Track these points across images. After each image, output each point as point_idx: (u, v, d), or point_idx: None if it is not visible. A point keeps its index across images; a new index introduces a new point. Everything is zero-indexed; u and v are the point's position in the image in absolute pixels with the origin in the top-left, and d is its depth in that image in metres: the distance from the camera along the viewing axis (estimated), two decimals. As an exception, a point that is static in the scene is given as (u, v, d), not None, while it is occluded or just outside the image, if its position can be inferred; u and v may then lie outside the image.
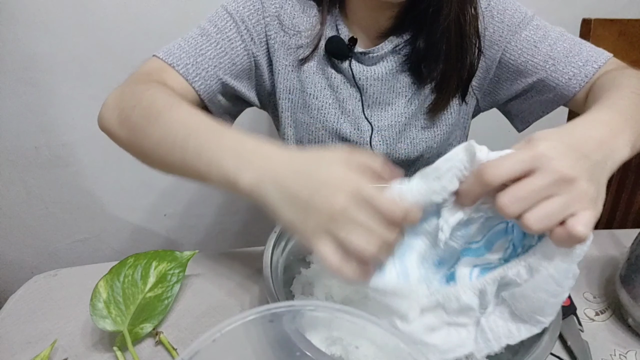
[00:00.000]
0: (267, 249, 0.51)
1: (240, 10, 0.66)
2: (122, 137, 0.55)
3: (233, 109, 0.74)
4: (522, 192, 0.35)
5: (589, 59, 0.64)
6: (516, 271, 0.40)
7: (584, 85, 0.64)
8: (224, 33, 0.65)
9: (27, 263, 1.45)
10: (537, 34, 0.66)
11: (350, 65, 0.69)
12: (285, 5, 0.69)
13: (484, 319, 0.42)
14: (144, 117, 0.52)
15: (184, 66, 0.62)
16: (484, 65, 0.70)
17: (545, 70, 0.65)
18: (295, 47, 0.69)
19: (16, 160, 1.28)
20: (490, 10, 0.67)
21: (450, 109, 0.72)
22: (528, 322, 0.41)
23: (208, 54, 0.64)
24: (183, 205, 1.44)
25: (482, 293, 0.41)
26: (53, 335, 0.55)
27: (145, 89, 0.55)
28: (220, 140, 0.45)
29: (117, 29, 1.13)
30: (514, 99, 0.72)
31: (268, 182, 0.40)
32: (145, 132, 0.51)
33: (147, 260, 0.59)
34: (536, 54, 0.66)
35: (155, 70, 0.62)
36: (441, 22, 0.63)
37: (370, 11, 0.67)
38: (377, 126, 0.72)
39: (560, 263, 0.38)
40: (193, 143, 0.46)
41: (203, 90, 0.64)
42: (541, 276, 0.38)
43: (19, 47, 1.12)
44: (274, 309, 0.34)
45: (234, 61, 0.66)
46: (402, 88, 0.71)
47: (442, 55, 0.65)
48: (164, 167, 0.51)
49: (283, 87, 0.72)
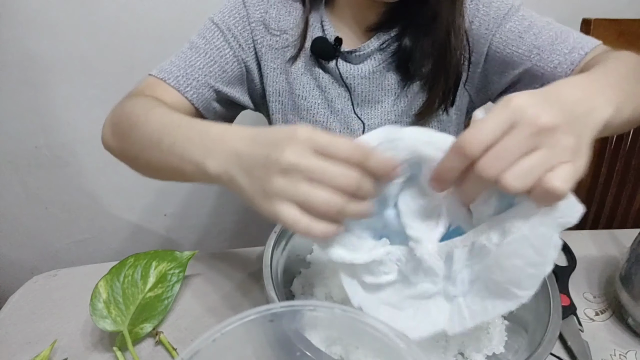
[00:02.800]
0: (267, 249, 0.51)
1: (225, 19, 0.68)
2: (117, 150, 0.59)
3: (228, 114, 0.75)
4: (500, 150, 0.32)
5: (575, 46, 0.62)
6: (487, 235, 0.37)
7: (570, 73, 0.62)
8: (212, 43, 0.67)
9: (27, 263, 1.45)
10: (522, 24, 0.65)
11: (337, 65, 0.69)
12: (270, 9, 0.70)
13: (461, 298, 0.39)
14: (128, 125, 0.54)
15: (174, 79, 0.65)
16: (474, 60, 0.69)
17: (530, 60, 0.64)
18: (282, 48, 0.70)
19: (16, 160, 1.28)
20: (476, 4, 0.67)
21: (439, 110, 0.71)
22: (503, 296, 0.37)
23: (197, 65, 0.66)
24: (183, 205, 1.44)
25: (449, 257, 0.39)
26: (53, 335, 0.55)
27: (132, 102, 0.58)
28: (188, 133, 0.45)
29: (118, 29, 1.13)
30: (504, 92, 0.71)
31: (231, 162, 0.39)
32: (130, 140, 0.54)
33: (147, 260, 0.59)
34: (521, 44, 0.65)
35: (149, 87, 0.65)
36: (437, 26, 0.62)
37: (359, 8, 0.68)
38: (368, 124, 0.72)
39: (537, 225, 0.34)
40: (166, 141, 0.47)
41: (196, 99, 0.66)
42: (514, 239, 0.35)
43: (19, 47, 1.12)
44: (274, 309, 0.34)
45: (224, 68, 0.68)
46: (390, 86, 0.71)
47: (428, 54, 0.65)
48: (151, 170, 0.53)
49: (272, 89, 0.73)
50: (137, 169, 0.57)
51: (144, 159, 0.52)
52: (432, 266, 0.39)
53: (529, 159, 0.33)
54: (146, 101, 0.58)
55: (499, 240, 0.36)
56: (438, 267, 0.39)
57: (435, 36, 0.63)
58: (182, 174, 0.46)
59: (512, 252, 0.35)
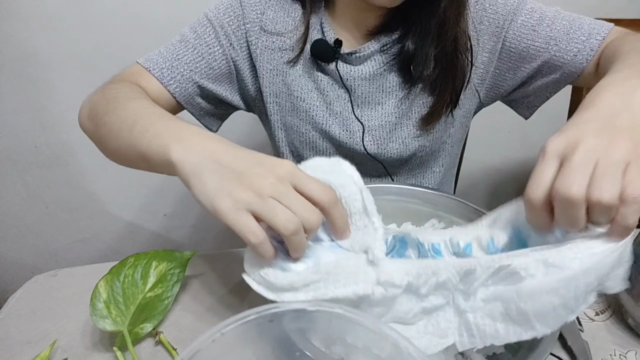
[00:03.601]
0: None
1: (220, 16, 0.68)
2: (90, 131, 0.60)
3: (216, 111, 0.75)
4: (570, 174, 0.35)
5: (591, 32, 0.63)
6: (524, 262, 0.37)
7: (591, 60, 0.63)
8: (203, 39, 0.67)
9: (27, 263, 1.45)
10: (533, 17, 0.65)
11: (337, 67, 0.68)
12: (268, 11, 0.69)
13: (471, 315, 0.39)
14: (105, 108, 0.55)
15: (159, 70, 0.65)
16: (485, 59, 0.69)
17: (549, 52, 0.65)
18: (279, 50, 0.70)
19: (16, 159, 1.28)
20: (482, 3, 0.67)
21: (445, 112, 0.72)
22: (521, 325, 0.37)
23: (184, 59, 0.66)
24: (183, 205, 1.44)
25: (468, 274, 0.39)
26: (53, 335, 0.55)
27: (113, 87, 0.59)
28: (168, 122, 0.47)
29: (117, 27, 1.13)
30: (519, 87, 0.72)
31: (203, 158, 0.41)
32: (103, 121, 0.55)
33: (147, 260, 0.59)
34: (536, 37, 0.65)
35: (133, 74, 0.65)
36: (444, 33, 0.62)
37: (359, 11, 0.67)
38: (367, 126, 0.72)
39: (589, 273, 0.35)
40: (140, 124, 0.48)
41: (178, 93, 0.67)
42: (563, 277, 0.35)
43: (19, 45, 1.12)
44: (274, 309, 0.34)
45: (211, 65, 0.68)
46: (391, 87, 0.70)
47: (432, 58, 0.65)
48: (115, 153, 0.54)
49: (269, 91, 0.72)
50: (106, 152, 0.58)
51: (111, 142, 0.53)
52: (446, 281, 0.39)
53: (601, 168, 0.34)
54: (130, 89, 0.59)
55: (537, 272, 0.37)
56: (451, 283, 0.39)
57: (442, 42, 0.63)
58: (145, 156, 0.46)
59: (554, 290, 0.36)
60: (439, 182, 0.81)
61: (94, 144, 0.60)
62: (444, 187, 0.83)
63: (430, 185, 0.78)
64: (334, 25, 0.69)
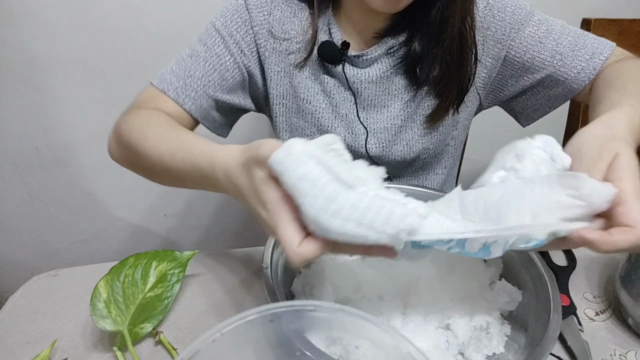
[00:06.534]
0: (267, 249, 0.51)
1: (228, 24, 0.68)
2: (126, 164, 0.63)
3: (229, 120, 0.76)
4: None
5: (594, 51, 0.65)
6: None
7: (593, 78, 0.64)
8: (212, 50, 0.67)
9: (27, 263, 1.45)
10: (540, 29, 0.66)
11: (344, 69, 0.68)
12: (275, 11, 0.69)
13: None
14: (132, 142, 0.57)
15: (173, 90, 0.65)
16: (489, 64, 0.69)
17: (553, 66, 0.66)
18: (287, 52, 0.69)
19: (17, 161, 1.28)
20: (491, 9, 0.67)
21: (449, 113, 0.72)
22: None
23: (197, 74, 0.66)
24: (183, 205, 1.44)
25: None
26: (53, 335, 0.55)
27: (133, 117, 0.61)
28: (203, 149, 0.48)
29: (119, 30, 1.13)
30: (519, 96, 0.73)
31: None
32: (137, 154, 0.56)
33: (147, 260, 0.59)
34: (542, 49, 0.66)
35: (150, 98, 0.66)
36: (447, 31, 0.62)
37: (366, 14, 0.67)
38: (372, 129, 0.72)
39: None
40: (179, 156, 0.49)
41: (194, 110, 0.67)
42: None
43: (20, 48, 1.13)
44: (274, 309, 0.34)
45: (223, 76, 0.68)
46: (397, 90, 0.70)
47: (438, 59, 0.65)
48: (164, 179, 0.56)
49: (276, 92, 0.72)
50: (145, 175, 0.60)
51: (157, 168, 0.54)
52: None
53: None
54: (148, 116, 0.61)
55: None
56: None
57: (447, 41, 0.63)
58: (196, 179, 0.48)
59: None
60: (441, 184, 0.81)
61: (132, 170, 0.63)
62: (446, 188, 0.83)
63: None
64: (341, 27, 0.69)
